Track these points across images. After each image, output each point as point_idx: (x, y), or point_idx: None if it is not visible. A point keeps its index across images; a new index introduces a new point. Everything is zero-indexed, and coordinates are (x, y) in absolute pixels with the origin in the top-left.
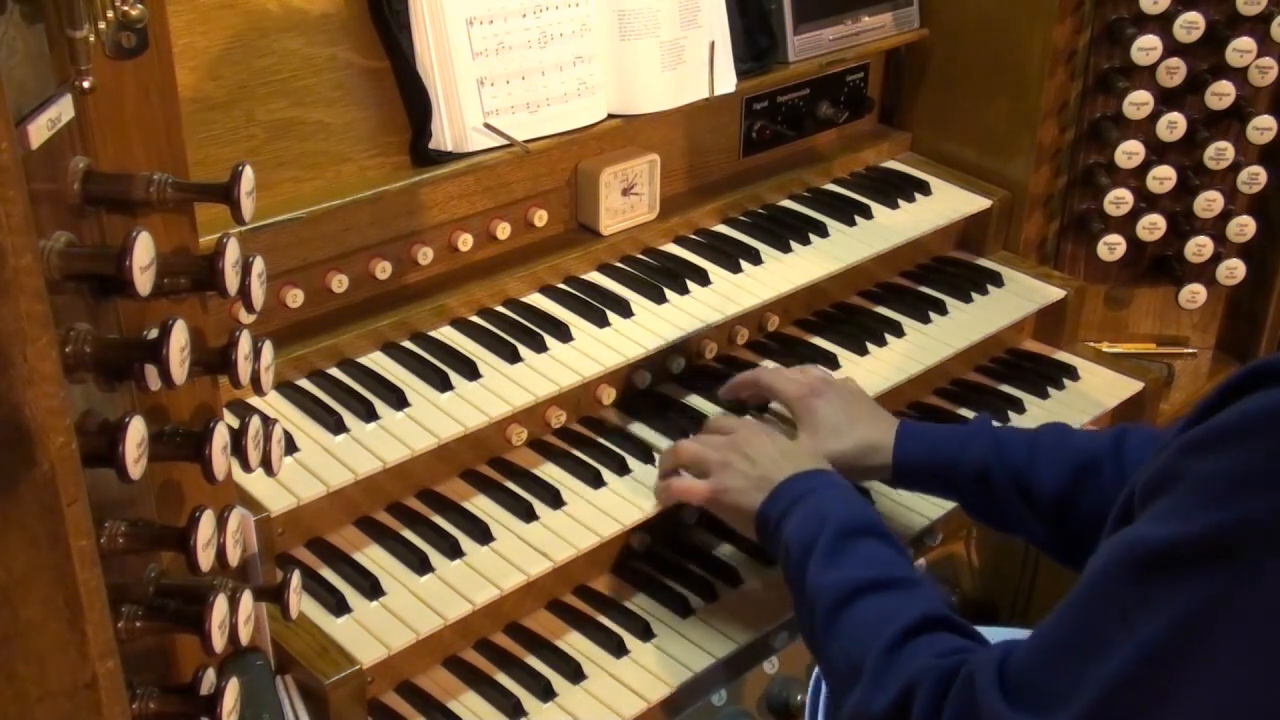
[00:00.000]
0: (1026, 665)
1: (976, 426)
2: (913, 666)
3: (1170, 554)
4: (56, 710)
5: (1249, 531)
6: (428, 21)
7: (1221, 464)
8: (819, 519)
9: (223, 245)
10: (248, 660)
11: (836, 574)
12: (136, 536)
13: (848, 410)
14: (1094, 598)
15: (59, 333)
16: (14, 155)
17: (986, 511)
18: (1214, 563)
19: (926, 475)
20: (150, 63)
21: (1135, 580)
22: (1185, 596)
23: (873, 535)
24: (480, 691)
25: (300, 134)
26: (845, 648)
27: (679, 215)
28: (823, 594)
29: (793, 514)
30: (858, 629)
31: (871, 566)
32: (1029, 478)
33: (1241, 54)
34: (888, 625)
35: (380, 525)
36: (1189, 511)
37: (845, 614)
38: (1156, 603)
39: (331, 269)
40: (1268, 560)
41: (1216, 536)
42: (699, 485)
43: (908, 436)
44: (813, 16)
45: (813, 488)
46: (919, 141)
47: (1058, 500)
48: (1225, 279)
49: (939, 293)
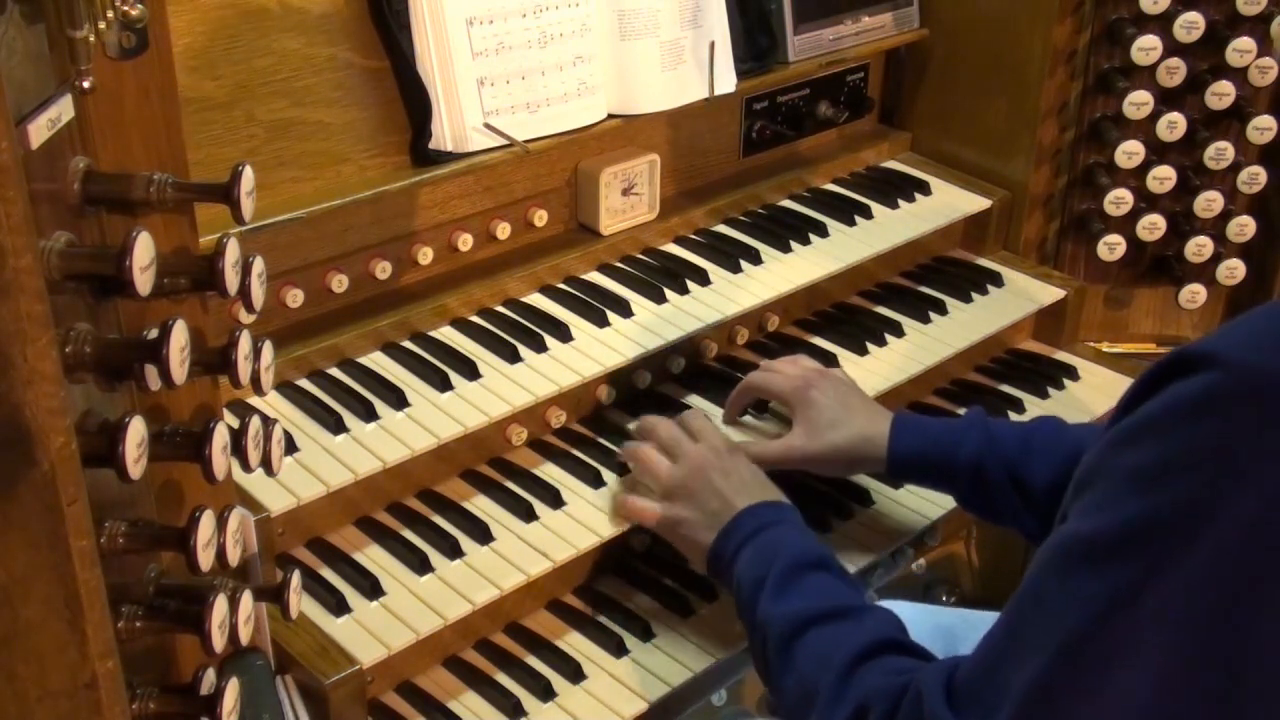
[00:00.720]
0: (969, 674)
1: (971, 419)
2: (864, 688)
3: (1087, 548)
4: (56, 710)
5: (1161, 522)
6: (428, 21)
7: (1139, 457)
8: (770, 554)
9: (223, 245)
10: (248, 660)
11: (787, 606)
12: (136, 536)
13: (844, 403)
14: (1023, 599)
15: (59, 333)
16: (14, 155)
17: (981, 504)
18: (1127, 554)
19: (922, 468)
20: (150, 63)
21: (1057, 577)
22: (1099, 588)
23: (823, 569)
24: (480, 691)
25: (300, 134)
26: (798, 678)
27: (679, 215)
28: (773, 626)
29: (744, 551)
30: (810, 659)
31: (821, 598)
32: (1023, 470)
33: (1241, 54)
34: (839, 652)
35: (380, 525)
36: (1107, 505)
37: (797, 644)
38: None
39: (331, 269)
40: (1181, 549)
41: (1130, 528)
42: (652, 510)
43: (903, 429)
44: (813, 16)
45: (765, 524)
46: (919, 141)
47: (1050, 492)
48: (1225, 279)
49: (939, 293)
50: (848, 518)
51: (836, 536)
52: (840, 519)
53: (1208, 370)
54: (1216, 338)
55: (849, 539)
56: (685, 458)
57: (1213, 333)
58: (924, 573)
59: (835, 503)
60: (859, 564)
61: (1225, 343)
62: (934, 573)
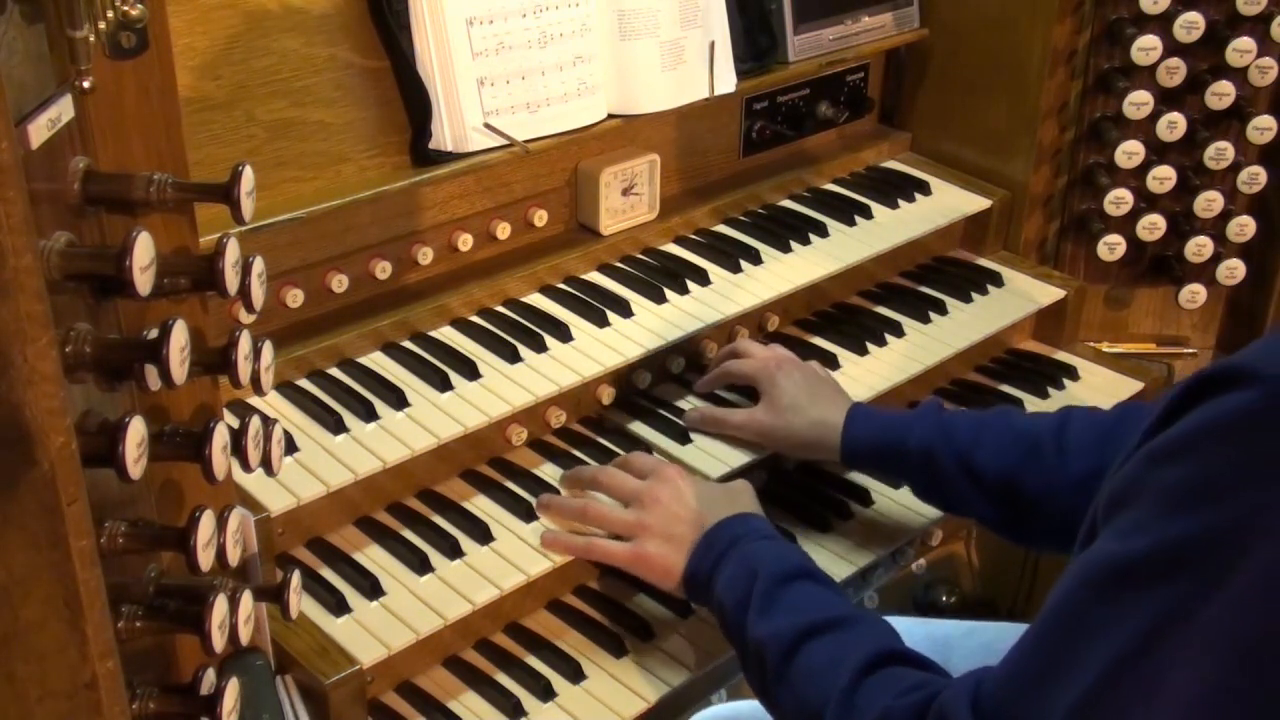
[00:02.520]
0: (999, 693)
1: (924, 409)
2: (876, 708)
3: (1130, 569)
4: (56, 710)
5: (1205, 543)
6: (428, 21)
7: (1179, 474)
8: (749, 571)
9: (223, 245)
10: (248, 660)
11: (777, 623)
12: (136, 536)
13: (809, 389)
14: (1059, 619)
15: (59, 333)
16: (14, 155)
17: (934, 492)
18: (1173, 575)
19: (874, 456)
20: (150, 63)
21: (1097, 598)
22: (1145, 610)
23: (805, 578)
24: (480, 691)
25: (300, 134)
26: (800, 697)
27: (679, 215)
28: (767, 646)
29: (721, 570)
30: (810, 676)
31: (811, 610)
32: (973, 458)
33: (1241, 54)
34: (840, 668)
35: (380, 525)
36: (1148, 525)
37: (793, 662)
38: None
39: (331, 269)
40: (1226, 570)
41: (1174, 549)
42: (619, 552)
43: (857, 418)
44: (813, 16)
45: (736, 537)
46: (919, 141)
47: (1002, 480)
48: (1225, 279)
49: (939, 293)
50: (848, 518)
51: (836, 536)
52: (840, 519)
53: (1247, 386)
54: (1254, 352)
55: (849, 539)
56: (639, 499)
57: (1250, 347)
58: (924, 573)
59: (835, 503)
60: (859, 564)
61: (1264, 358)
62: (934, 573)
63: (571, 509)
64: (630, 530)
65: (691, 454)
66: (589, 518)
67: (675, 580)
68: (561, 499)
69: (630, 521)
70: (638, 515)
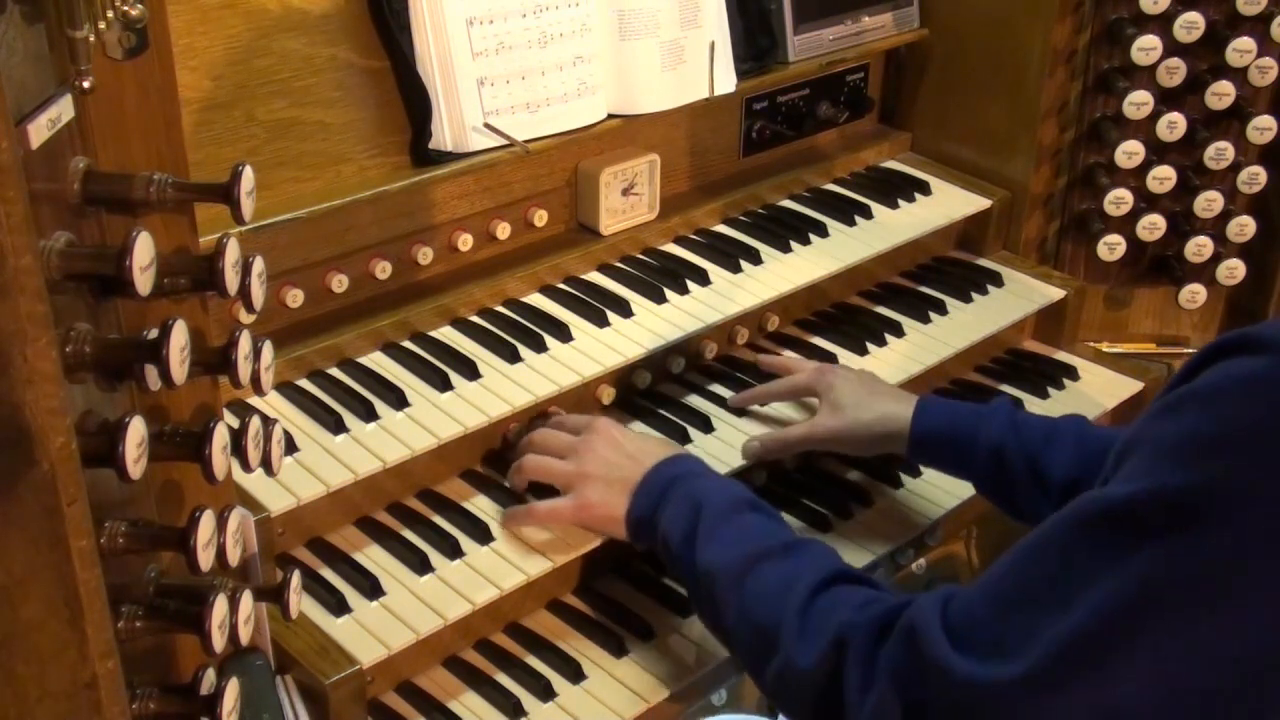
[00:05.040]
0: (974, 612)
1: (997, 406)
2: (835, 620)
3: (1127, 513)
4: (56, 710)
5: (1206, 495)
6: (428, 21)
7: (1183, 426)
8: (693, 505)
9: (223, 245)
10: (248, 660)
11: (725, 550)
12: (136, 536)
13: (868, 385)
14: (1049, 547)
15: (59, 333)
16: (14, 155)
17: (999, 492)
18: (1172, 525)
19: (943, 448)
20: (150, 63)
21: (1092, 535)
22: (1143, 557)
23: (749, 510)
24: (480, 691)
25: (300, 134)
26: (753, 620)
27: (679, 215)
28: (716, 573)
29: (664, 507)
30: (762, 598)
31: (758, 538)
32: (1043, 462)
33: (1241, 54)
34: (793, 587)
35: (380, 525)
36: (1150, 471)
37: (744, 586)
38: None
39: (331, 269)
40: (1223, 524)
41: (1175, 498)
42: (562, 505)
43: (927, 409)
44: (813, 16)
45: (676, 476)
46: (919, 141)
47: (1068, 488)
48: (1225, 279)
49: (939, 293)
50: (849, 517)
51: (836, 536)
52: (841, 518)
53: (1260, 353)
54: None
55: (849, 539)
56: (574, 450)
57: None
58: (924, 573)
59: (835, 503)
60: (859, 564)
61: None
62: (934, 573)
63: (514, 470)
64: (569, 480)
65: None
66: (526, 469)
67: (620, 524)
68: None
69: (570, 471)
70: (577, 465)
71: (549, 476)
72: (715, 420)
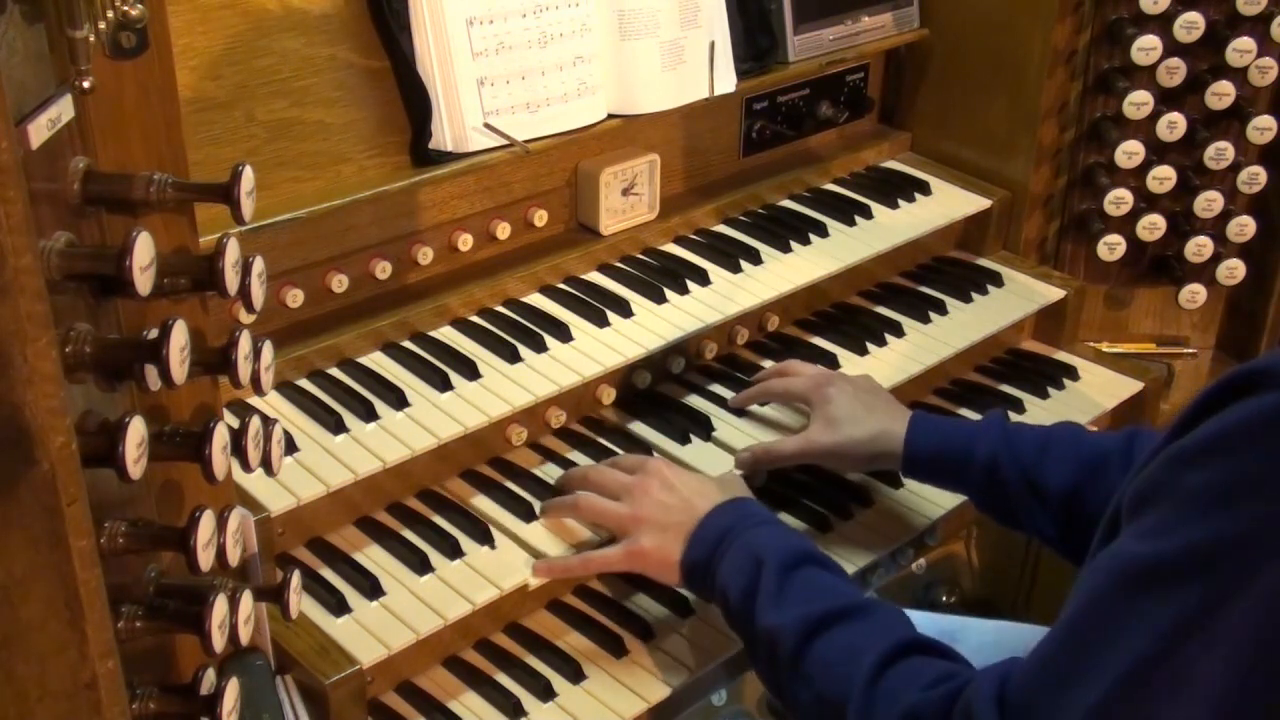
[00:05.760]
0: (1023, 690)
1: (989, 421)
2: (902, 702)
3: (1154, 570)
4: (56, 710)
5: (1229, 546)
6: (428, 21)
7: (1204, 477)
8: (754, 559)
9: (223, 245)
10: (248, 660)
11: (789, 612)
12: (136, 536)
13: (862, 400)
14: (1085, 617)
15: (59, 333)
16: (14, 155)
17: (995, 506)
18: (1196, 577)
19: (937, 466)
20: (150, 63)
21: (1121, 598)
22: (1168, 612)
23: (813, 564)
24: (480, 691)
25: (300, 134)
26: (818, 689)
27: (679, 215)
28: (780, 636)
29: (722, 557)
30: (828, 667)
31: (823, 598)
32: (1038, 474)
33: (1241, 54)
34: (860, 658)
35: (380, 525)
36: (1173, 526)
37: (809, 653)
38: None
39: (331, 269)
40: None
41: (1198, 551)
42: (614, 555)
43: (920, 426)
44: (813, 16)
45: (733, 524)
46: (919, 141)
47: (1065, 498)
48: (1225, 279)
49: (939, 293)
50: (848, 518)
51: (836, 536)
52: (840, 519)
53: (1271, 389)
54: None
55: (849, 539)
56: (628, 492)
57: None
58: (924, 573)
59: (835, 503)
60: (859, 564)
61: None
62: (934, 573)
63: (565, 505)
64: (623, 524)
65: (692, 454)
66: (581, 510)
67: (674, 572)
68: (556, 499)
69: (623, 514)
70: (630, 508)
71: (602, 518)
72: (715, 420)
